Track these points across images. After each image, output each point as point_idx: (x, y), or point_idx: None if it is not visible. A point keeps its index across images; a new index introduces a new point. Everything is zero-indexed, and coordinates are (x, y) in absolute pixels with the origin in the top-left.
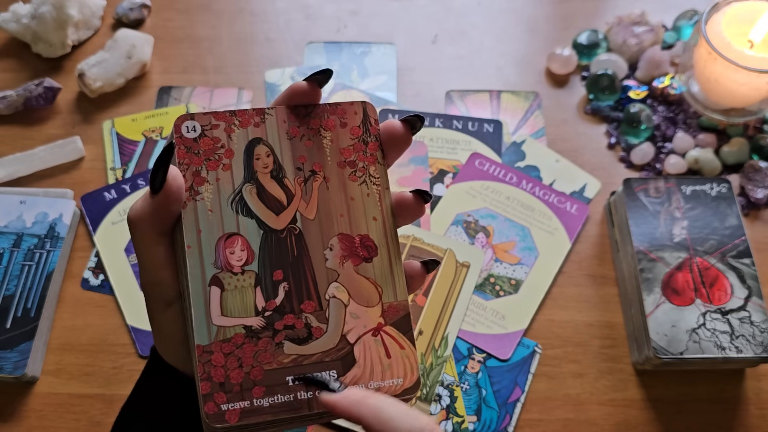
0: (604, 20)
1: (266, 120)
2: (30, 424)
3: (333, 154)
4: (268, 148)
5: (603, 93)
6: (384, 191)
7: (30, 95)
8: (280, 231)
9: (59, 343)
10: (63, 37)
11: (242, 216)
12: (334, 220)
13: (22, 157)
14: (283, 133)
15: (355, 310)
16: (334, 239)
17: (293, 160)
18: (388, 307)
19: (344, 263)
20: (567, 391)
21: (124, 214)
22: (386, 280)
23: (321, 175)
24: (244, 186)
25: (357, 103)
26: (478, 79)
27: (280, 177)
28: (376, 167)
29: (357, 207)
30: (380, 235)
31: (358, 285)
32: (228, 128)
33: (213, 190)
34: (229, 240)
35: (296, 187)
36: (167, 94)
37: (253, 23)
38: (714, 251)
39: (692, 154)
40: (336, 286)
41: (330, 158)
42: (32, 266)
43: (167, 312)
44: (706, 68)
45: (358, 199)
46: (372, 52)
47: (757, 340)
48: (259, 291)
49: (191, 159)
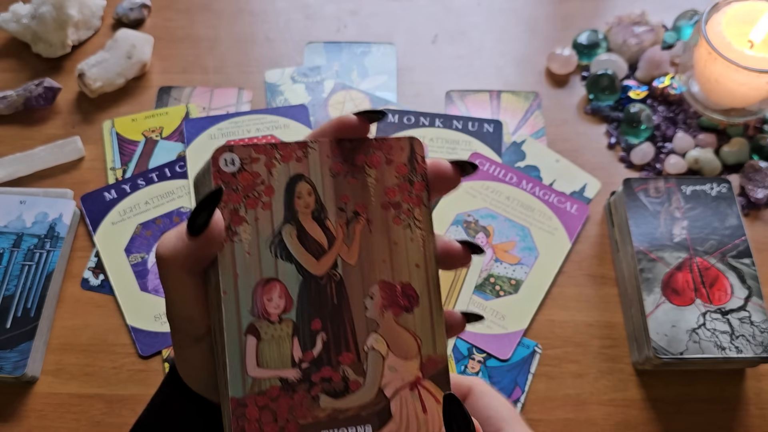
0: (604, 20)
1: (309, 154)
2: (30, 424)
3: (377, 194)
4: (310, 185)
5: (603, 93)
6: (428, 236)
7: (30, 95)
8: (320, 277)
9: (59, 343)
10: (63, 37)
11: (281, 260)
12: (375, 267)
13: (22, 157)
14: (326, 170)
15: (394, 362)
16: (375, 287)
17: (335, 200)
18: (426, 360)
19: (384, 313)
20: (567, 391)
21: (124, 214)
22: (426, 331)
23: (364, 217)
24: (284, 227)
25: (404, 138)
26: (478, 79)
27: (322, 218)
28: (420, 209)
29: (400, 252)
30: (422, 283)
31: (398, 336)
32: (268, 162)
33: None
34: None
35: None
36: (167, 94)
37: (253, 23)
38: (714, 251)
39: (692, 154)
40: (375, 338)
41: (374, 198)
42: (32, 266)
43: (196, 347)
44: (706, 68)
45: (401, 244)
46: (372, 52)
47: (757, 340)
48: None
49: (229, 196)
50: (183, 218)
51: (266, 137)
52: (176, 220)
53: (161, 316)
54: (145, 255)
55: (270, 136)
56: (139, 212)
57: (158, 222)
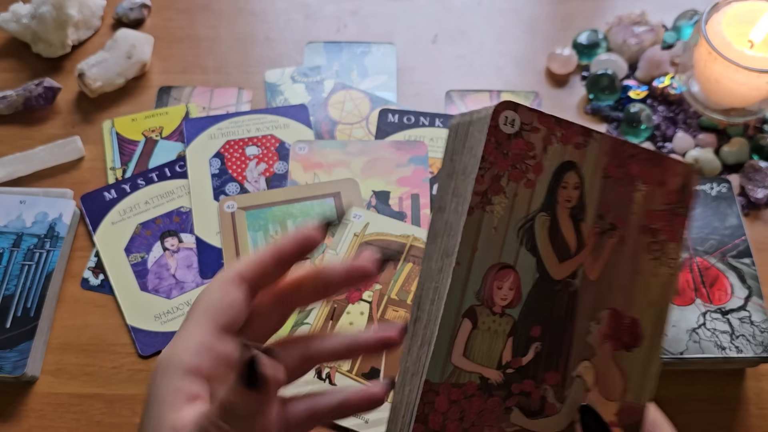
0: (604, 20)
1: (589, 144)
2: (30, 423)
3: (639, 214)
4: (580, 179)
5: (603, 93)
6: (673, 277)
7: (30, 95)
8: (555, 282)
9: (59, 342)
10: (63, 37)
11: (524, 249)
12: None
13: (21, 156)
14: (600, 168)
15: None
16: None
17: (598, 204)
18: (626, 407)
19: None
20: None
21: (123, 214)
22: (637, 376)
23: (619, 233)
24: (539, 214)
25: (685, 164)
26: (478, 79)
27: (578, 218)
28: (674, 246)
29: (640, 285)
30: (650, 324)
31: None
32: (547, 137)
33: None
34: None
35: (590, 238)
36: (167, 94)
37: (253, 23)
38: (714, 251)
39: (692, 154)
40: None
41: (635, 217)
42: (32, 266)
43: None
44: (706, 68)
45: (644, 275)
46: (372, 52)
47: (757, 340)
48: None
49: (497, 159)
50: (182, 218)
51: (266, 137)
52: (176, 219)
53: (161, 316)
54: (144, 255)
55: (270, 136)
56: (139, 212)
57: (158, 222)
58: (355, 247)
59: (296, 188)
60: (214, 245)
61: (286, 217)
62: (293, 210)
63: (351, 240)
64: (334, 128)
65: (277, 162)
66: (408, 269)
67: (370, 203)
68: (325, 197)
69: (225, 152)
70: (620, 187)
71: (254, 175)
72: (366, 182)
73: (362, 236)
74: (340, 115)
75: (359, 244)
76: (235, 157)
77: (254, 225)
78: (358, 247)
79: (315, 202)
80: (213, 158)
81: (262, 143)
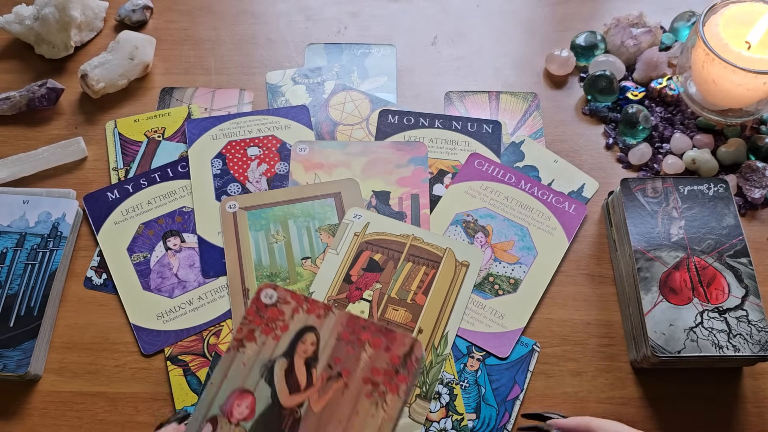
0: (602, 22)
1: (328, 316)
2: (33, 422)
3: (364, 369)
4: (316, 338)
5: (601, 94)
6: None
7: (33, 96)
8: (284, 407)
9: (62, 341)
10: (66, 38)
11: (263, 381)
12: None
13: (25, 157)
14: (335, 332)
15: None
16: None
17: (329, 357)
18: None
19: None
20: (565, 389)
21: (126, 213)
22: None
23: (343, 381)
24: (280, 359)
25: (409, 337)
26: (477, 81)
27: (311, 365)
28: (393, 397)
29: (358, 422)
30: None
31: None
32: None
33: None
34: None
35: (319, 380)
36: (169, 95)
37: (254, 25)
38: (711, 251)
39: (690, 154)
40: None
41: (360, 371)
42: (35, 265)
43: None
44: (703, 69)
45: (362, 415)
46: (372, 53)
47: (754, 339)
48: None
49: (254, 318)
50: (185, 217)
51: (267, 137)
52: (179, 219)
53: (163, 315)
54: (147, 254)
55: (271, 137)
56: (142, 212)
57: (160, 221)
58: (356, 247)
59: (297, 188)
60: (216, 245)
61: (287, 217)
62: (294, 210)
63: (351, 240)
64: (334, 129)
65: (278, 162)
66: (408, 268)
67: (371, 203)
68: (326, 197)
69: (227, 153)
70: (350, 348)
71: (256, 176)
72: (366, 182)
73: (362, 236)
74: (341, 116)
75: (359, 243)
76: (237, 158)
77: (256, 225)
78: (358, 246)
79: (316, 202)
80: (215, 159)
81: (264, 144)
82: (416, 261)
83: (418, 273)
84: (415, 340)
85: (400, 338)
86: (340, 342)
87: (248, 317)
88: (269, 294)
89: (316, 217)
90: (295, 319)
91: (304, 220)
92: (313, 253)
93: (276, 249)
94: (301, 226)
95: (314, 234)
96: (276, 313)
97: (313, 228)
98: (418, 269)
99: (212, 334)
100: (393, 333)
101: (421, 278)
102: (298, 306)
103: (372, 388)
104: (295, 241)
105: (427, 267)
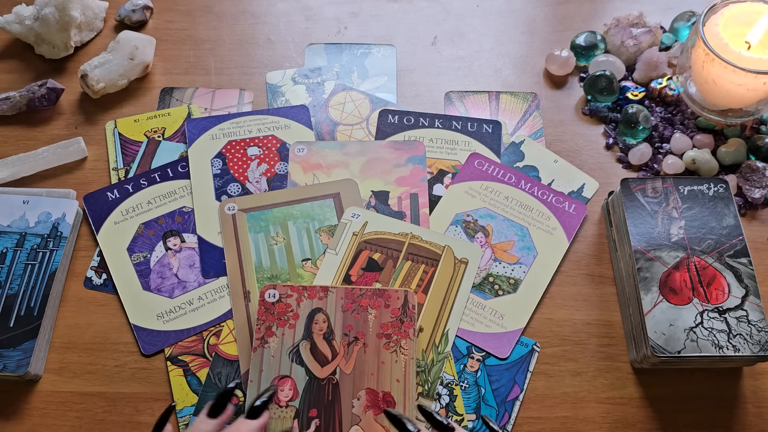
0: (602, 22)
1: (328, 295)
2: (33, 422)
3: (374, 327)
4: (326, 316)
5: (601, 94)
6: (410, 361)
7: (33, 96)
8: (321, 379)
9: (62, 341)
10: (66, 38)
11: (295, 364)
12: (365, 377)
13: (25, 157)
14: (339, 307)
15: None
16: (362, 392)
17: (343, 328)
18: None
19: (367, 411)
20: (565, 389)
21: (126, 213)
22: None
23: (362, 341)
24: (302, 342)
25: (401, 290)
26: (477, 81)
27: (330, 339)
28: (407, 341)
29: (385, 369)
30: (400, 394)
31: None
32: (299, 298)
33: (278, 342)
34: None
35: (341, 348)
36: (169, 95)
37: (254, 25)
38: (711, 251)
39: (689, 154)
40: (356, 429)
41: (372, 329)
42: (35, 265)
43: None
44: (703, 69)
45: (387, 363)
46: (372, 53)
47: (754, 339)
48: (296, 422)
49: (267, 317)
50: (185, 218)
51: (267, 137)
52: (179, 219)
53: (163, 315)
54: (147, 254)
55: (271, 137)
56: (142, 212)
57: (160, 221)
58: (355, 246)
59: (296, 189)
60: (216, 245)
61: (287, 218)
62: (293, 211)
63: (350, 239)
64: (334, 129)
65: (278, 162)
66: (407, 267)
67: (370, 203)
68: (325, 198)
69: (227, 153)
70: (356, 315)
71: (256, 176)
72: (365, 182)
73: (361, 235)
74: (341, 116)
75: (358, 243)
76: (237, 158)
77: (255, 227)
78: (357, 246)
79: (315, 203)
80: (215, 159)
81: (264, 144)
82: (415, 259)
83: (418, 271)
84: (406, 291)
85: (393, 294)
86: (346, 313)
87: (261, 318)
88: (271, 293)
89: (315, 218)
90: (302, 306)
91: (303, 222)
92: (313, 255)
93: (276, 251)
94: (301, 228)
95: (314, 235)
96: (283, 307)
97: (313, 229)
98: (417, 267)
99: (212, 335)
100: (386, 291)
101: (420, 276)
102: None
103: (387, 340)
104: (295, 243)
105: (426, 265)
